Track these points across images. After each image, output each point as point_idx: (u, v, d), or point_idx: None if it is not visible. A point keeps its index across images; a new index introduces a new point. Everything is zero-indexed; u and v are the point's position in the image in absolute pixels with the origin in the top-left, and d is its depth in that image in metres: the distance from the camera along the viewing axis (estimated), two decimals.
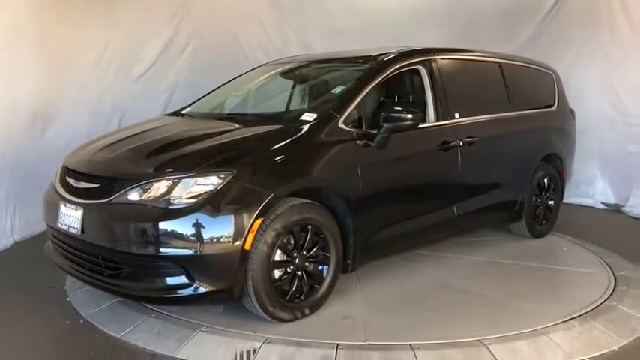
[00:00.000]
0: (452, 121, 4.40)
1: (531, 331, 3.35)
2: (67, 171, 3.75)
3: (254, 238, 3.18)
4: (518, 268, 4.58)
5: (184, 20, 7.20)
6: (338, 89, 4.17)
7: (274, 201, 3.26)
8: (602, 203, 6.94)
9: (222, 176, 3.19)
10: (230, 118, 4.37)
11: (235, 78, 5.22)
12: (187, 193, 3.16)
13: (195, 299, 3.23)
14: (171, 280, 3.18)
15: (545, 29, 7.09)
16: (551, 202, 5.48)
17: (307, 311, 3.49)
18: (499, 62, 5.17)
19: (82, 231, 3.36)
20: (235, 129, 3.87)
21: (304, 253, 3.46)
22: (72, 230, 3.43)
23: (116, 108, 6.71)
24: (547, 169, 5.39)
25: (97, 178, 3.48)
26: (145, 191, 3.22)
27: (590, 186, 7.04)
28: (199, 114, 4.68)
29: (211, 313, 3.52)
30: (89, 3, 6.31)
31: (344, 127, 3.72)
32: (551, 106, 5.64)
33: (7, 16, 5.06)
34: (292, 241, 3.42)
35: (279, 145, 3.52)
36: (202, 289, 3.13)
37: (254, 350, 3.13)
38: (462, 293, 3.98)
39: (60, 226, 3.53)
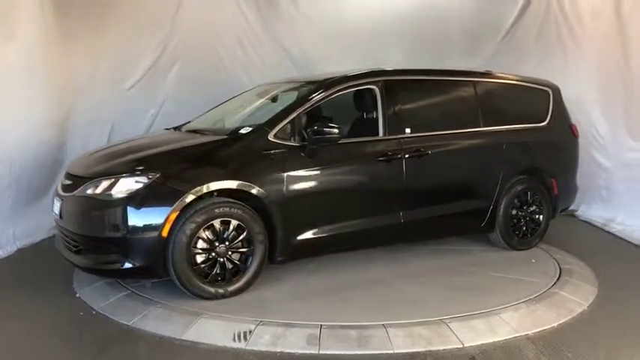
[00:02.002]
0: (400, 135, 4.81)
1: (485, 312, 3.94)
2: (66, 172, 4.64)
3: (171, 228, 3.93)
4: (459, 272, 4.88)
5: (171, 40, 7.65)
6: (279, 107, 4.77)
7: (191, 198, 3.98)
8: None
9: (150, 177, 3.99)
10: (199, 131, 4.98)
11: (230, 99, 5.87)
12: (124, 189, 3.97)
13: (127, 273, 4.12)
14: (109, 257, 4.05)
15: (506, 45, 7.76)
16: (539, 216, 5.58)
17: (227, 293, 4.13)
18: (471, 80, 5.47)
19: (61, 217, 4.34)
20: (187, 140, 4.67)
21: (226, 244, 4.11)
22: (56, 216, 4.42)
23: (107, 122, 7.19)
24: (529, 183, 5.49)
25: (73, 176, 4.39)
26: (95, 187, 4.07)
27: None
28: (187, 128, 5.28)
29: (210, 303, 4.04)
30: (83, 26, 6.83)
31: (274, 139, 4.36)
32: (541, 121, 5.73)
33: (21, 42, 5.59)
34: (216, 233, 4.11)
35: (208, 152, 4.32)
36: (130, 266, 3.98)
37: (250, 331, 3.65)
38: (383, 287, 4.48)
39: (53, 213, 4.49)
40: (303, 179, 4.42)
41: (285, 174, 4.30)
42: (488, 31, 7.78)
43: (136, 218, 3.93)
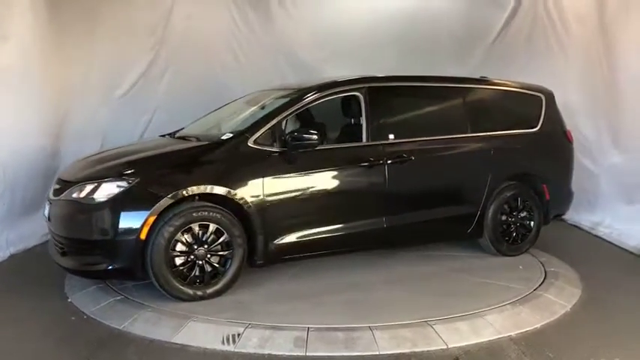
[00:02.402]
0: (382, 141, 4.88)
1: (470, 314, 4.03)
2: (57, 177, 4.85)
3: (149, 231, 4.04)
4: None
5: (163, 48, 7.73)
6: (261, 114, 4.87)
7: (170, 203, 4.10)
8: None
9: (130, 181, 4.13)
10: (187, 138, 5.08)
11: (222, 106, 5.96)
12: (106, 194, 4.10)
13: (108, 274, 4.28)
14: (91, 259, 4.19)
15: (494, 52, 7.89)
16: (529, 222, 5.56)
17: (206, 295, 4.23)
18: (458, 87, 5.52)
19: (49, 219, 4.51)
20: (172, 146, 4.83)
21: (205, 247, 4.22)
22: (46, 219, 4.59)
23: (100, 129, 7.26)
24: (518, 189, 5.49)
25: (62, 181, 4.52)
26: (80, 191, 4.20)
27: None
28: (179, 135, 5.37)
29: (200, 307, 4.11)
30: (76, 30, 6.92)
31: (253, 145, 4.47)
32: (533, 127, 5.70)
33: (14, 47, 5.70)
34: (195, 237, 4.22)
35: (188, 158, 4.48)
36: (110, 267, 4.11)
37: (238, 334, 3.73)
38: (368, 292, 4.55)
39: (44, 216, 4.66)
40: (283, 184, 4.51)
41: (264, 179, 4.41)
42: (478, 37, 7.91)
43: (116, 222, 4.06)
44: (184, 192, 4.17)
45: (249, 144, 4.49)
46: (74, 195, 4.23)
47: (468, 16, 7.91)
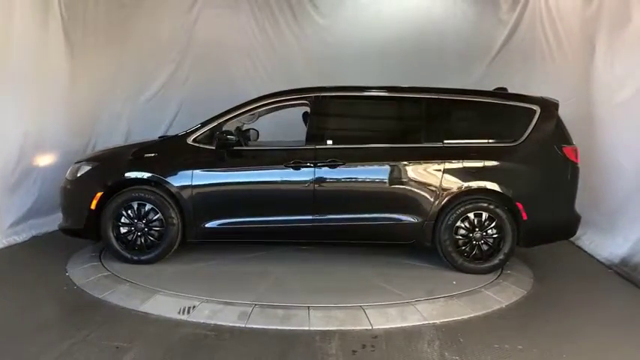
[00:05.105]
0: (318, 146, 5.29)
1: (402, 303, 4.47)
2: None
3: (98, 203, 5.22)
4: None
5: (186, 57, 8.51)
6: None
7: (115, 183, 5.28)
8: None
9: (92, 165, 5.45)
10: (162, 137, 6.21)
11: None
12: (79, 173, 5.42)
13: (71, 233, 5.51)
14: (65, 222, 5.55)
15: (495, 67, 8.25)
16: (500, 242, 5.26)
17: (140, 260, 5.26)
18: (416, 97, 5.52)
19: None
20: (143, 141, 5.77)
21: (144, 221, 5.25)
22: None
23: (124, 133, 8.16)
24: (480, 205, 5.25)
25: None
26: (71, 171, 5.56)
27: None
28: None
29: (169, 282, 4.76)
30: (106, 40, 7.76)
31: (192, 143, 5.35)
32: (513, 140, 5.38)
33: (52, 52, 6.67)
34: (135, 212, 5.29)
35: (137, 150, 5.49)
36: (72, 227, 5.46)
37: (194, 307, 4.32)
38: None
39: None
40: (209, 177, 5.32)
41: (193, 171, 5.25)
42: (479, 53, 8.28)
43: (79, 192, 5.40)
44: (126, 175, 5.30)
45: (188, 141, 5.35)
46: (67, 173, 5.62)
47: (471, 34, 8.30)
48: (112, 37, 7.84)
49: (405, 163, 5.28)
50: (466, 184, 5.25)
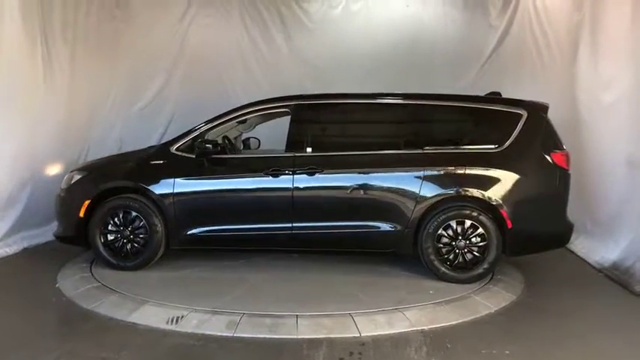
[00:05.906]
0: (297, 153, 5.28)
1: (391, 310, 4.47)
2: None
3: (86, 211, 5.34)
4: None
5: (178, 67, 8.55)
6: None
7: (102, 191, 5.39)
8: None
9: (82, 174, 5.63)
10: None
11: None
12: (71, 181, 5.58)
13: (63, 240, 5.64)
14: (59, 228, 5.68)
15: (486, 72, 8.30)
16: (484, 250, 5.12)
17: (126, 266, 5.37)
18: (396, 104, 5.55)
19: None
20: (132, 151, 6.01)
21: (129, 229, 5.36)
22: None
23: (117, 141, 8.17)
24: (461, 212, 5.13)
25: None
26: (65, 179, 5.70)
27: None
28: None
29: (158, 292, 4.76)
30: (101, 53, 7.81)
31: (175, 152, 5.47)
32: (496, 146, 5.23)
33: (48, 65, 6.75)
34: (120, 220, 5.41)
35: (122, 161, 5.79)
36: (64, 234, 5.60)
37: (182, 316, 4.32)
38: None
39: None
40: (189, 185, 5.37)
41: (175, 179, 5.32)
42: (470, 58, 8.32)
43: (70, 201, 5.53)
44: (111, 184, 5.44)
45: (172, 150, 5.47)
46: (63, 182, 5.76)
47: (461, 40, 8.34)
48: (103, 48, 7.89)
49: (384, 170, 5.25)
50: (447, 191, 5.15)
